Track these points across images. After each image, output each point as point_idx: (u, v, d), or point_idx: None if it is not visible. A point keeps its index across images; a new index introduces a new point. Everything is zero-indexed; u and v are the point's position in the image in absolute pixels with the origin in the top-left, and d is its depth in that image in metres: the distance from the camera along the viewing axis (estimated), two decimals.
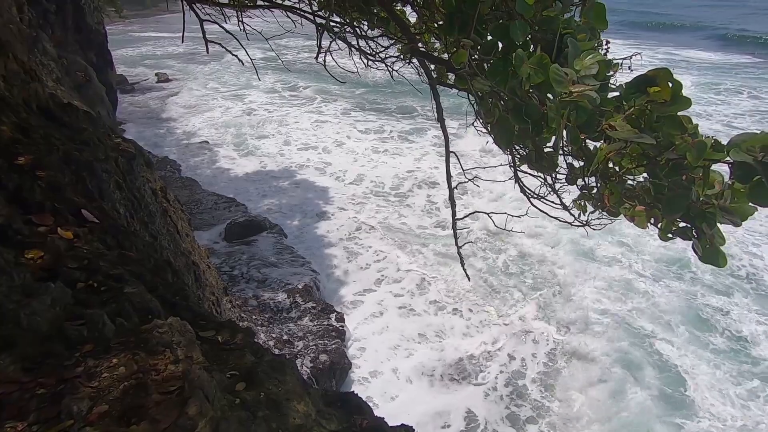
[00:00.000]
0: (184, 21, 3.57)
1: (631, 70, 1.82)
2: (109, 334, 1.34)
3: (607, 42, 2.05)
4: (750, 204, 1.41)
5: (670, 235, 1.54)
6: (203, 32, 3.44)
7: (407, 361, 7.02)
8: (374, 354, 7.14)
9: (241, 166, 14.05)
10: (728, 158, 1.32)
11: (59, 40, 10.68)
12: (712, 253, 1.43)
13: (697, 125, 1.40)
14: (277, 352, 6.53)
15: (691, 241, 1.49)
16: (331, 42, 2.49)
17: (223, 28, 3.67)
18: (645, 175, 1.62)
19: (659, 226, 1.53)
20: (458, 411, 6.20)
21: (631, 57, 1.97)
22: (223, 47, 3.73)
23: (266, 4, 3.41)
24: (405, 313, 8.00)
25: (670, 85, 1.39)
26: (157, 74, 24.02)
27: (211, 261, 6.46)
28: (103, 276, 1.82)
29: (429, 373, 6.81)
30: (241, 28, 3.78)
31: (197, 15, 3.49)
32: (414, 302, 8.24)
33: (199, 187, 12.26)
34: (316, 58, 2.63)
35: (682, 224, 1.49)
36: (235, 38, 3.74)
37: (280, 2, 3.34)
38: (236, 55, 4.00)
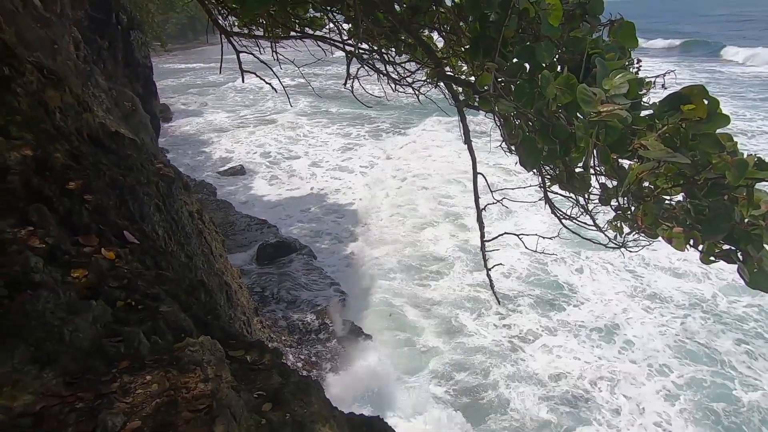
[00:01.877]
0: (222, 53, 3.78)
1: (665, 88, 1.78)
2: (145, 351, 1.38)
3: (639, 60, 2.02)
4: None
5: (712, 258, 1.46)
6: (239, 63, 3.62)
7: (436, 385, 6.83)
8: (402, 378, 6.99)
9: (273, 188, 14.47)
10: None
11: (110, 73, 11.52)
12: (760, 277, 1.34)
13: (736, 143, 1.34)
14: (304, 373, 6.53)
15: (737, 265, 1.40)
16: (358, 69, 2.57)
17: (257, 58, 3.87)
18: (682, 195, 1.56)
19: (700, 248, 1.45)
20: None
21: (664, 74, 1.93)
22: (257, 76, 3.91)
23: (298, 34, 3.57)
24: (434, 335, 7.84)
25: (706, 102, 1.34)
26: (197, 103, 25.36)
27: (242, 281, 6.61)
28: (141, 295, 1.89)
29: (458, 399, 6.59)
30: (275, 57, 3.97)
31: (234, 47, 3.69)
32: (444, 326, 8.07)
33: (233, 209, 12.67)
34: (344, 84, 2.72)
35: (725, 246, 1.42)
36: (269, 67, 3.93)
37: (311, 33, 3.48)
38: (270, 83, 4.18)
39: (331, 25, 3.49)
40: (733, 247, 1.38)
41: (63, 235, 2.06)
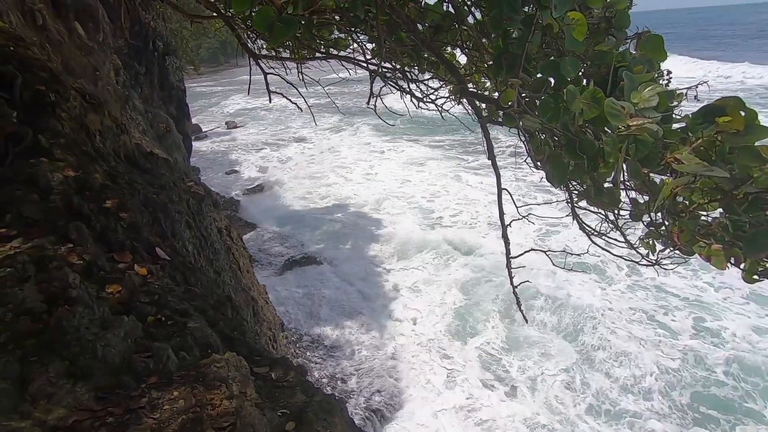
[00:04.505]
0: (250, 74, 3.92)
1: (698, 100, 1.72)
2: (172, 367, 1.41)
3: (669, 72, 1.96)
4: None
5: (756, 277, 1.37)
6: (267, 84, 3.74)
7: (464, 401, 6.64)
8: (431, 395, 6.84)
9: (299, 203, 14.74)
10: None
11: (146, 97, 12.12)
12: None
13: None
14: (329, 390, 6.49)
15: None
16: (382, 87, 2.60)
17: (284, 79, 3.99)
18: (720, 210, 1.49)
19: (742, 266, 1.37)
20: None
21: (696, 86, 1.87)
22: (284, 96, 4.03)
23: (323, 55, 3.66)
24: (461, 355, 7.66)
25: (743, 113, 1.29)
26: (226, 122, 26.29)
27: (268, 297, 6.69)
28: (171, 311, 1.94)
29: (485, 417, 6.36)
30: (301, 78, 4.09)
31: (261, 69, 3.82)
32: (467, 346, 7.88)
33: (260, 225, 12.94)
34: (368, 102, 2.76)
35: None
36: (295, 87, 4.04)
37: (336, 53, 3.57)
38: (296, 103, 4.30)
39: (355, 45, 3.58)
40: None
41: (99, 251, 2.15)
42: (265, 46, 4.37)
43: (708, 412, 6.18)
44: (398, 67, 3.25)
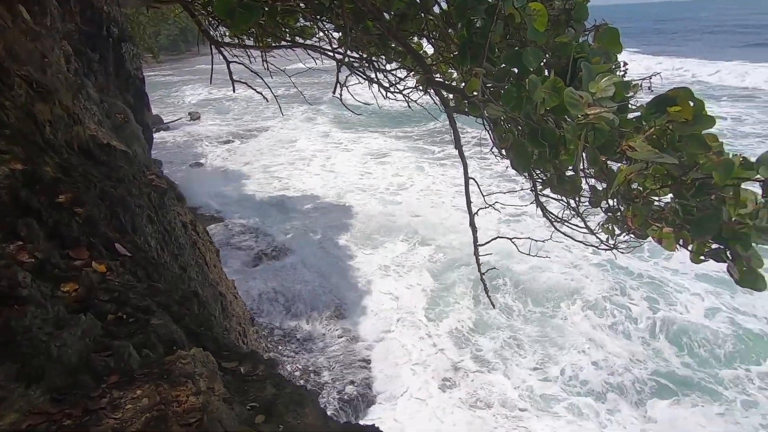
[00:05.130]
0: (212, 63, 3.79)
1: (651, 91, 1.80)
2: (135, 365, 1.36)
3: (625, 64, 2.04)
4: None
5: (702, 258, 1.46)
6: (230, 73, 3.63)
7: (439, 389, 6.78)
8: (404, 383, 6.94)
9: (267, 194, 14.48)
10: (758, 176, 1.27)
11: (102, 86, 11.49)
12: (750, 276, 1.35)
13: (722, 143, 1.35)
14: (302, 383, 6.47)
15: (726, 264, 1.41)
16: (348, 76, 2.58)
17: (248, 68, 3.88)
18: (671, 195, 1.57)
19: (690, 248, 1.46)
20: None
21: (650, 77, 1.95)
22: (249, 86, 3.92)
23: (289, 44, 3.58)
24: (433, 341, 7.80)
25: (692, 104, 1.36)
26: (190, 113, 25.35)
27: (237, 291, 6.56)
28: (132, 308, 1.87)
29: (464, 402, 6.53)
30: (265, 67, 3.99)
31: (224, 57, 3.70)
32: (439, 330, 8.04)
33: (227, 218, 12.63)
34: (333, 92, 2.73)
35: (714, 246, 1.42)
36: (260, 77, 3.94)
37: (302, 42, 3.50)
38: (261, 93, 4.19)
39: (321, 34, 3.52)
40: (722, 246, 1.38)
41: (52, 248, 2.04)
42: (227, 34, 4.22)
43: (665, 383, 6.60)
44: (365, 56, 3.22)
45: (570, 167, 1.95)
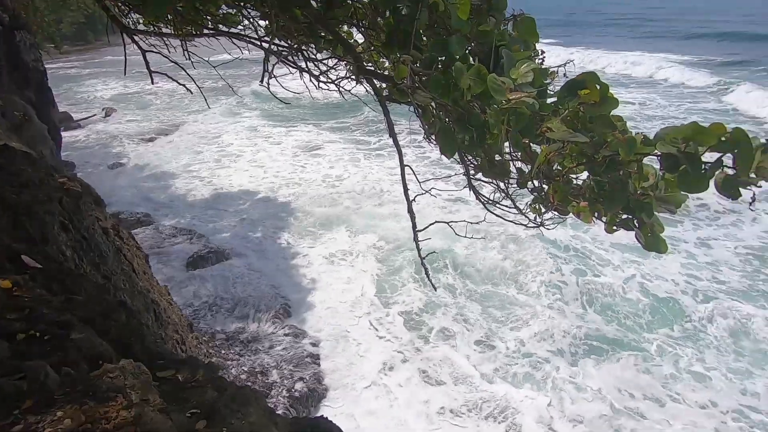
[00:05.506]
0: (125, 53, 3.48)
1: (566, 77, 1.93)
2: (53, 385, 1.24)
3: (543, 52, 2.18)
4: (682, 192, 1.51)
5: (615, 228, 1.61)
6: (146, 63, 3.36)
7: (391, 373, 6.92)
8: (357, 372, 6.98)
9: (198, 193, 13.69)
10: (656, 151, 1.41)
11: None
12: (653, 240, 1.51)
13: (626, 122, 1.49)
14: (249, 385, 6.27)
15: (634, 232, 1.57)
16: (274, 64, 2.50)
17: (168, 58, 3.61)
18: (587, 173, 1.71)
19: (604, 220, 1.60)
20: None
21: (565, 65, 2.10)
22: (169, 77, 3.66)
23: (211, 32, 3.39)
24: (384, 330, 7.90)
25: (598, 87, 1.48)
26: (104, 109, 23.17)
27: (172, 298, 6.19)
28: (47, 324, 1.70)
29: (417, 383, 6.72)
30: (187, 57, 3.73)
31: (139, 47, 3.42)
32: (383, 317, 8.16)
33: (156, 221, 11.81)
34: (261, 81, 2.63)
35: (624, 216, 1.58)
36: (182, 68, 3.68)
37: (226, 30, 3.32)
38: (184, 85, 3.93)
39: (247, 21, 3.35)
40: (630, 216, 1.53)
41: None
42: (141, 21, 3.89)
43: (595, 344, 7.27)
44: (294, 45, 3.13)
45: (498, 153, 2.05)
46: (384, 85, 2.68)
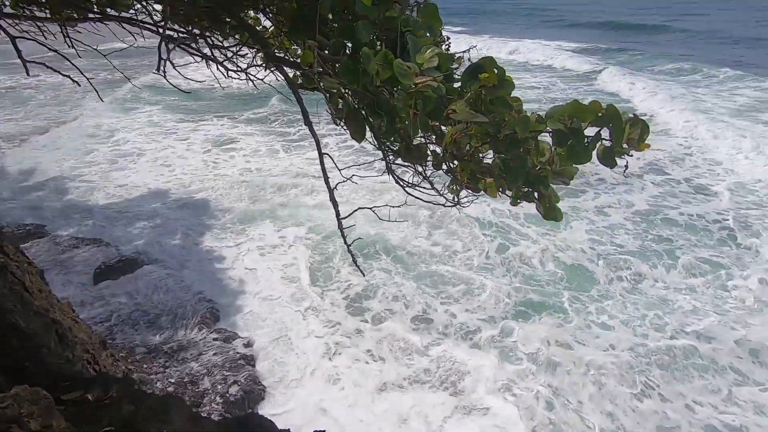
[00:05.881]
0: None
1: (470, 62, 2.04)
2: None
3: (448, 38, 2.27)
4: (573, 165, 1.69)
5: (518, 201, 1.76)
6: (18, 52, 2.94)
7: (333, 359, 6.93)
8: (296, 364, 6.88)
9: (99, 197, 12.35)
10: (548, 128, 1.56)
11: None
12: (551, 210, 1.68)
13: (521, 102, 1.62)
14: (180, 395, 5.90)
15: (535, 203, 1.73)
16: (171, 49, 2.33)
17: (46, 46, 3.19)
18: (492, 151, 1.83)
19: (509, 194, 1.74)
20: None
21: (469, 50, 2.21)
22: (48, 67, 3.24)
23: (97, 16, 3.04)
24: (315, 319, 7.84)
25: (496, 70, 1.59)
26: None
27: (77, 315, 5.57)
28: None
29: (360, 366, 6.81)
30: (70, 45, 3.32)
31: (6, 33, 2.98)
32: (321, 305, 8.13)
33: (52, 232, 10.48)
34: (157, 69, 2.44)
35: (525, 189, 1.72)
36: (66, 58, 3.28)
37: (115, 15, 3.00)
38: (68, 76, 3.50)
39: (139, 5, 3.06)
40: (530, 189, 1.68)
41: None
42: (8, 3, 3.37)
43: (522, 309, 7.99)
44: (197, 31, 2.93)
45: (415, 138, 2.12)
46: (299, 72, 2.62)
